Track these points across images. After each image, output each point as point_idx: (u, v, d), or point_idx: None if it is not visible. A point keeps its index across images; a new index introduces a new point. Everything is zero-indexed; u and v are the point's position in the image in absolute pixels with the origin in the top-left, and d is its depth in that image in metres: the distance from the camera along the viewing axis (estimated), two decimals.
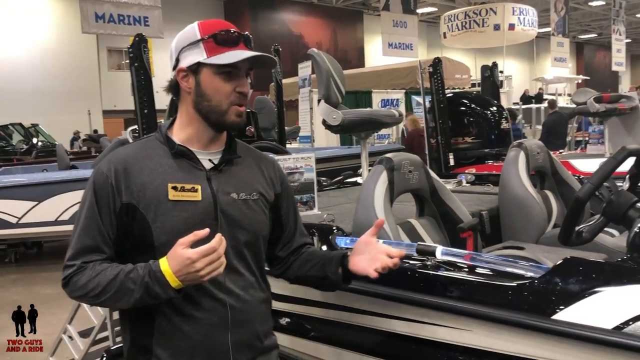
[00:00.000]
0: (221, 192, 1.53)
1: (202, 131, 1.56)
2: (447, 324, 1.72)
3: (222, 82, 1.51)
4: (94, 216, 1.48)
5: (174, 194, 1.48)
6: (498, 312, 1.58)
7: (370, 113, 3.34)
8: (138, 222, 1.47)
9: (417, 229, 2.44)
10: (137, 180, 1.49)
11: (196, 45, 1.52)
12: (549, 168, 3.16)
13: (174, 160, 1.53)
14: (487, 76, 6.50)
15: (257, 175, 1.64)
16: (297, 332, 2.23)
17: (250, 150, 1.71)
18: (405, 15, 14.54)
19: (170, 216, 1.47)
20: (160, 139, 1.58)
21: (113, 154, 1.56)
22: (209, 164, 1.56)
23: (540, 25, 23.47)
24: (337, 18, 28.07)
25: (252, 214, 1.58)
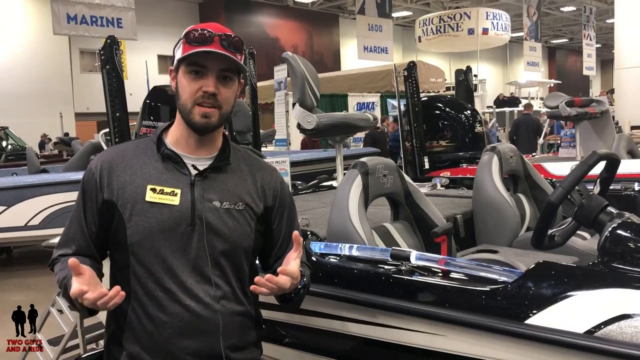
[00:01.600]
0: (202, 200, 1.51)
1: (187, 133, 1.55)
2: (420, 329, 1.71)
3: (190, 81, 1.50)
4: (80, 210, 1.55)
5: (151, 196, 1.49)
6: (471, 317, 1.57)
7: (345, 117, 3.34)
8: (115, 220, 1.51)
9: (392, 233, 2.43)
10: (120, 178, 1.52)
11: (179, 45, 1.53)
12: (522, 171, 3.19)
13: (161, 162, 1.54)
14: (461, 80, 6.54)
15: (247, 185, 1.60)
16: (271, 339, 2.20)
17: (250, 158, 1.67)
18: (380, 19, 14.63)
19: (145, 217, 1.48)
20: (153, 139, 1.58)
21: (105, 152, 1.63)
22: (195, 170, 1.54)
23: (513, 30, 23.84)
24: (312, 21, 28.10)
25: (234, 224, 1.54)
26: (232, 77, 1.53)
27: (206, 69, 1.49)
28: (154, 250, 1.48)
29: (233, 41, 1.51)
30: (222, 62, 1.50)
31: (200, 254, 1.49)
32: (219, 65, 1.50)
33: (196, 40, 1.49)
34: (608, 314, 1.37)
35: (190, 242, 1.49)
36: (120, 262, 1.53)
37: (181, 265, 1.48)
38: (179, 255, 1.49)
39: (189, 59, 1.49)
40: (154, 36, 22.04)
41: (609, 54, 29.14)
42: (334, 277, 1.98)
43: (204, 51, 1.47)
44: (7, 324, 5.17)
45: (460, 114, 6.02)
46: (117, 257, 1.54)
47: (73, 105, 22.51)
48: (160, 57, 23.55)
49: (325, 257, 2.07)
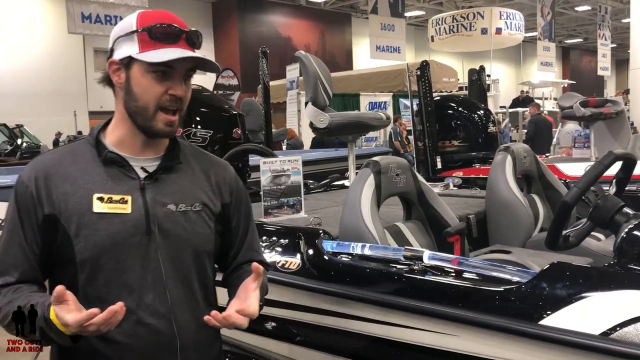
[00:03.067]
0: (156, 204, 1.37)
1: (134, 134, 1.39)
2: (433, 329, 1.71)
3: (153, 82, 1.33)
4: (17, 229, 1.34)
5: (99, 206, 1.33)
6: (485, 317, 1.56)
7: (358, 116, 3.34)
8: (59, 236, 1.33)
9: (405, 233, 2.43)
10: (59, 189, 1.34)
11: (131, 36, 1.34)
12: (535, 172, 3.17)
13: (104, 167, 1.37)
14: (474, 80, 6.51)
15: (202, 183, 1.47)
16: (282, 336, 2.20)
17: (199, 154, 1.54)
18: (393, 19, 14.60)
19: (94, 230, 1.32)
20: (91, 142, 1.41)
21: (36, 160, 1.41)
22: (144, 173, 1.39)
23: (527, 29, 23.67)
24: (325, 21, 28.08)
25: (193, 227, 1.41)
26: (192, 75, 1.40)
27: (173, 70, 1.34)
28: (107, 266, 1.33)
29: (197, 38, 1.39)
30: (189, 62, 1.36)
31: (160, 265, 1.36)
32: (186, 65, 1.36)
33: (160, 37, 1.33)
34: (624, 316, 1.36)
35: (148, 252, 1.35)
36: (66, 283, 1.27)
37: (139, 279, 1.34)
38: (137, 268, 1.35)
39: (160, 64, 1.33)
40: None
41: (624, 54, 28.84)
42: (346, 276, 1.98)
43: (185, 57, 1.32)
44: None
45: (473, 114, 5.99)
46: (62, 278, 1.33)
47: (87, 104, 22.70)
48: None
49: (338, 256, 2.07)
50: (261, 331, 2.26)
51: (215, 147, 3.58)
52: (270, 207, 2.72)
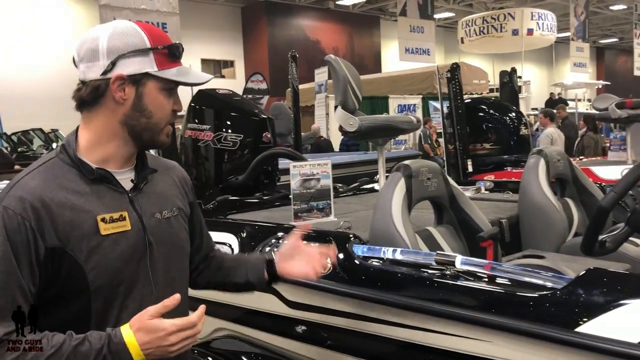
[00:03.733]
0: (146, 215, 1.37)
1: (122, 149, 1.38)
2: (466, 335, 1.68)
3: (166, 99, 1.37)
4: (13, 270, 1.21)
5: (104, 227, 1.29)
6: (519, 323, 1.54)
7: (388, 119, 3.33)
8: (66, 267, 1.26)
9: (436, 237, 2.41)
10: (61, 217, 1.25)
11: (144, 53, 1.33)
12: (569, 175, 3.11)
13: (91, 186, 1.31)
14: (505, 82, 6.44)
15: (172, 187, 1.50)
16: (312, 340, 2.20)
17: (155, 159, 1.53)
18: (422, 21, 14.53)
19: (105, 254, 1.28)
20: (67, 162, 1.33)
21: (20, 189, 1.26)
22: (128, 184, 1.38)
23: (560, 30, 23.27)
24: (353, 23, 28.09)
25: (176, 232, 1.44)
26: None
27: (176, 87, 1.40)
28: (121, 288, 1.31)
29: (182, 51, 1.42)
30: None
31: (159, 275, 1.38)
32: None
33: (177, 56, 1.38)
34: None
35: (149, 265, 1.36)
36: (74, 313, 1.29)
37: (147, 293, 1.35)
38: (143, 283, 1.35)
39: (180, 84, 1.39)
40: (197, 40, 22.41)
41: None
42: (377, 281, 1.97)
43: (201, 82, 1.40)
44: None
45: (504, 116, 5.93)
46: (71, 310, 1.29)
47: None
48: (203, 61, 23.97)
49: (368, 260, 2.06)
50: (290, 334, 2.27)
51: (244, 151, 3.62)
52: (300, 211, 2.72)
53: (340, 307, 2.06)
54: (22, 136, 15.92)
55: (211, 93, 3.93)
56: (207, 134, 3.62)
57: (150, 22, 9.84)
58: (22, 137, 15.94)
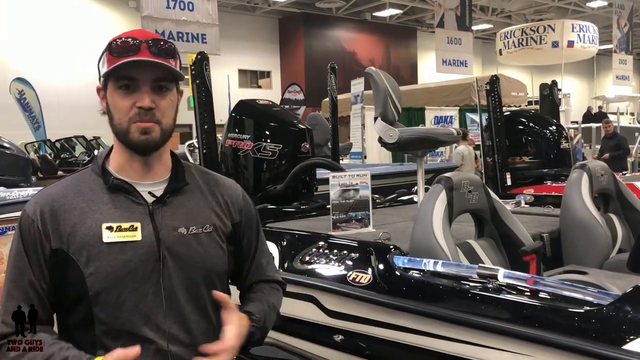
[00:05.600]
0: (166, 228, 1.34)
1: (130, 157, 1.37)
2: (507, 348, 1.68)
3: (121, 98, 1.31)
4: (24, 267, 1.31)
5: (109, 236, 1.30)
6: (563, 339, 1.53)
7: (428, 131, 3.33)
8: (69, 270, 1.30)
9: (476, 250, 2.40)
10: (66, 221, 1.31)
11: (102, 59, 1.35)
12: (613, 190, 3.06)
13: (110, 195, 1.34)
14: (546, 94, 6.35)
15: (210, 203, 1.44)
16: (351, 350, 2.22)
17: (204, 174, 1.51)
18: (460, 32, 14.48)
19: (106, 261, 1.29)
20: (96, 170, 1.39)
21: (40, 193, 1.38)
22: (151, 197, 1.37)
23: (602, 42, 22.82)
24: (390, 35, 28.10)
25: (204, 249, 1.38)
26: (168, 87, 1.35)
27: (137, 82, 1.31)
28: (122, 296, 1.30)
29: (163, 47, 1.34)
30: (154, 72, 1.32)
31: (175, 290, 1.34)
32: (151, 75, 1.32)
33: (120, 51, 1.31)
34: None
35: (161, 279, 1.32)
36: (79, 319, 1.32)
37: (155, 306, 1.31)
38: (152, 296, 1.32)
39: (116, 73, 1.31)
40: (235, 51, 22.75)
41: None
42: (417, 292, 1.98)
43: (131, 61, 1.29)
44: None
45: (544, 130, 5.84)
46: (75, 313, 1.32)
47: None
48: (240, 72, 24.31)
49: (409, 272, 2.07)
50: (329, 343, 2.29)
51: (283, 160, 3.66)
52: (338, 221, 2.75)
53: (379, 318, 2.08)
54: (65, 143, 16.37)
55: (251, 103, 4.00)
56: (247, 144, 3.68)
57: (190, 33, 10.08)
58: (65, 144, 16.39)
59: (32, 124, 17.69)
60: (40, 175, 11.89)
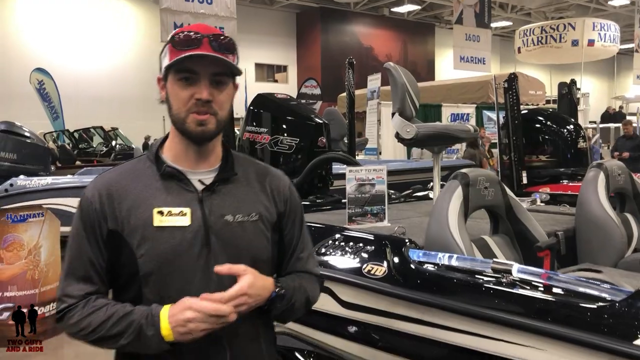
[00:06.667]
0: (214, 215, 1.40)
1: (186, 147, 1.44)
2: (520, 342, 1.71)
3: (180, 89, 1.38)
4: (83, 245, 1.40)
5: (159, 220, 1.37)
6: (575, 333, 1.55)
7: (445, 128, 3.35)
8: (123, 251, 1.38)
9: (491, 246, 2.42)
10: (122, 205, 1.39)
11: (165, 52, 1.42)
12: (630, 190, 3.05)
13: (163, 181, 1.42)
14: (564, 93, 6.33)
15: (257, 192, 1.49)
16: (365, 341, 2.25)
17: (253, 164, 1.56)
18: (478, 29, 14.39)
19: (156, 243, 1.36)
20: (150, 158, 1.47)
21: (99, 178, 1.46)
22: (201, 185, 1.43)
23: (623, 41, 22.52)
24: (408, 31, 28.00)
25: (250, 237, 1.44)
26: (225, 81, 1.41)
27: (197, 75, 1.37)
28: (170, 278, 1.37)
29: (224, 42, 1.39)
30: (214, 66, 1.37)
31: (222, 276, 1.36)
32: (211, 69, 1.37)
33: (183, 44, 1.37)
34: None
35: (208, 263, 1.38)
36: (132, 296, 1.39)
37: (202, 289, 1.34)
38: (199, 279, 1.38)
39: (177, 65, 1.37)
40: (252, 45, 22.84)
41: None
42: (432, 285, 2.01)
43: (194, 55, 1.35)
44: None
45: (562, 129, 5.82)
46: (127, 292, 1.40)
47: None
48: (257, 65, 24.39)
49: (424, 265, 2.10)
50: (343, 334, 2.33)
51: (299, 154, 3.70)
52: (354, 215, 2.78)
53: (394, 310, 2.11)
54: (84, 133, 16.56)
55: (269, 97, 4.04)
56: (264, 137, 3.72)
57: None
58: (83, 135, 16.59)
59: (51, 114, 17.91)
60: (59, 164, 12.06)
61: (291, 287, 1.47)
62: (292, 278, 1.52)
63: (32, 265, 4.86)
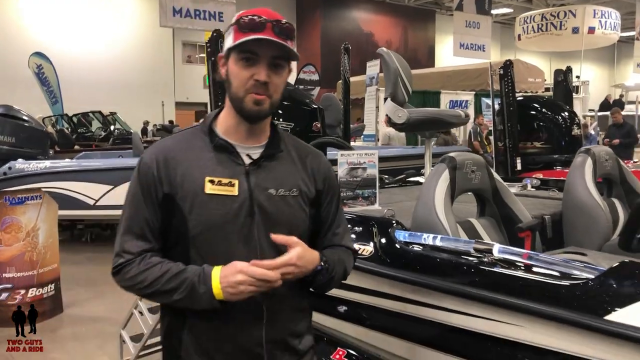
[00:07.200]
0: (259, 188, 1.50)
1: (239, 122, 1.54)
2: (499, 319, 1.76)
3: (241, 69, 1.46)
4: (140, 205, 1.50)
5: (210, 187, 1.47)
6: (550, 309, 1.61)
7: (436, 112, 3.39)
8: (176, 214, 1.48)
9: (477, 229, 2.47)
10: (177, 171, 1.49)
11: (229, 31, 1.50)
12: (617, 176, 3.10)
13: (214, 153, 1.52)
14: (560, 80, 6.35)
15: (299, 170, 1.59)
16: (353, 319, 2.31)
17: (296, 143, 1.66)
18: (478, 16, 14.32)
19: (206, 209, 1.46)
20: (204, 130, 1.57)
21: (157, 145, 1.57)
22: (249, 159, 1.53)
23: (624, 29, 22.42)
24: (408, 17, 27.88)
25: (290, 210, 1.54)
26: (283, 65, 1.49)
27: (257, 57, 1.45)
28: (215, 242, 1.48)
29: (284, 27, 1.47)
30: (274, 50, 1.46)
31: (262, 243, 1.49)
32: (271, 52, 1.46)
33: (248, 27, 1.45)
34: None
35: (252, 231, 1.48)
36: (179, 255, 1.49)
37: (243, 255, 1.45)
38: (241, 245, 1.48)
39: (241, 47, 1.45)
40: None
41: None
42: (416, 265, 2.06)
43: (257, 39, 1.43)
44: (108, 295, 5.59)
45: (557, 116, 5.85)
46: (176, 251, 1.50)
47: (174, 95, 23.74)
48: None
49: (409, 246, 2.15)
50: (331, 312, 2.38)
51: None
52: (345, 198, 2.82)
53: (380, 288, 2.17)
54: (82, 118, 16.58)
55: None
56: None
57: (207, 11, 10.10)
58: (82, 119, 16.61)
59: (50, 99, 17.91)
60: (57, 149, 12.10)
61: (333, 261, 1.57)
62: (332, 252, 1.61)
63: (30, 247, 4.93)
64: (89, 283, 6.09)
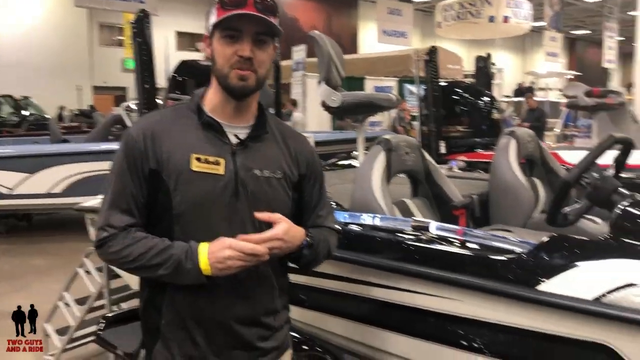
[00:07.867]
0: (244, 169, 1.51)
1: (225, 101, 1.53)
2: (439, 294, 1.83)
3: (224, 46, 1.47)
4: (126, 180, 1.49)
5: (196, 165, 1.48)
6: (487, 283, 1.69)
7: (369, 96, 3.44)
8: (161, 189, 1.48)
9: (411, 209, 2.55)
10: (163, 147, 1.49)
11: (212, 10, 1.51)
12: (538, 157, 3.27)
13: (202, 131, 1.52)
14: (481, 67, 6.61)
15: (283, 152, 1.61)
16: (297, 301, 2.32)
17: (281, 126, 1.68)
18: (400, 3, 14.57)
19: (191, 187, 1.47)
20: (192, 108, 1.56)
21: (143, 120, 1.60)
22: (235, 139, 1.54)
23: (535, 19, 23.57)
24: (332, 3, 28.00)
25: (273, 192, 1.55)
26: (267, 41, 1.50)
27: (241, 33, 1.46)
28: (199, 219, 1.48)
29: (267, 4, 1.48)
30: (257, 25, 1.46)
31: (245, 223, 1.50)
32: (254, 28, 1.47)
33: (230, 4, 1.46)
34: (615, 283, 1.48)
35: (235, 211, 1.50)
36: (163, 232, 1.49)
37: (227, 234, 1.45)
38: (225, 224, 1.49)
39: (223, 24, 1.46)
40: (172, 13, 22.04)
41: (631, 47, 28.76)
42: (356, 244, 2.10)
43: (238, 14, 1.44)
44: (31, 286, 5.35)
45: (478, 100, 6.10)
46: (160, 227, 1.51)
47: (91, 79, 22.69)
48: (178, 34, 23.65)
49: (349, 226, 2.19)
50: None
51: None
52: None
53: (321, 269, 2.18)
54: None
55: (193, 64, 3.99)
56: None
57: None
58: None
59: None
60: None
61: (318, 238, 1.60)
62: (318, 231, 1.63)
63: None
64: (8, 276, 5.80)
